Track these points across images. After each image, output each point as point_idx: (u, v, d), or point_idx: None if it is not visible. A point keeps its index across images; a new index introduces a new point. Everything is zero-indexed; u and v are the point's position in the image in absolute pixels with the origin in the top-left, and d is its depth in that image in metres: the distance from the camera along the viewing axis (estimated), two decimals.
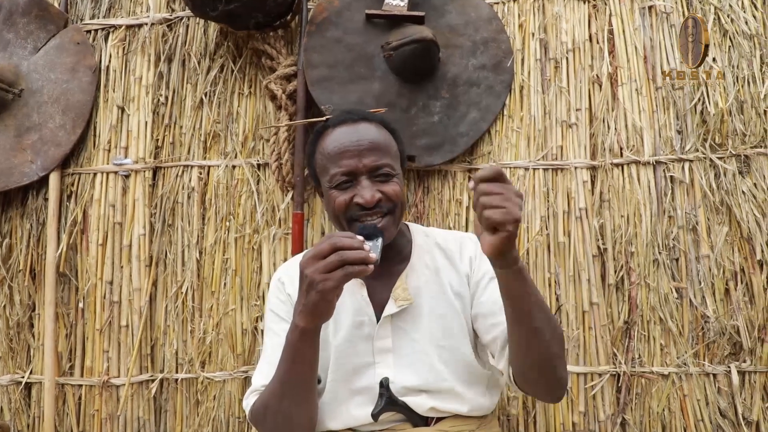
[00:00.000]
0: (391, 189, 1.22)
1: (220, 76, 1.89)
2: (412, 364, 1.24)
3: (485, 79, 1.78)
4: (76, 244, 1.85)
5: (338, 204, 1.22)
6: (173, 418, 1.76)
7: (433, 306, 1.28)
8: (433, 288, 1.29)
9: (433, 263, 1.32)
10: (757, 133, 1.69)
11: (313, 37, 1.77)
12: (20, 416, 1.81)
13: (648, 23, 1.80)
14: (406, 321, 1.26)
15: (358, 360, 1.25)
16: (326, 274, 0.95)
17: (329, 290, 0.96)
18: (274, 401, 1.13)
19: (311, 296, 0.97)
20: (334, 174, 1.23)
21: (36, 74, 1.92)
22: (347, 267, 0.95)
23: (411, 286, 1.28)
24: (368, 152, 1.22)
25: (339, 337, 1.26)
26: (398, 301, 1.25)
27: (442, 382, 1.23)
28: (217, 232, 1.80)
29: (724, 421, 1.59)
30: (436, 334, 1.26)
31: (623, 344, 1.65)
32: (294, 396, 1.11)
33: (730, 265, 1.64)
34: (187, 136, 1.87)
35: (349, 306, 1.27)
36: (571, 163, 1.73)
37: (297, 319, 1.03)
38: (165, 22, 1.93)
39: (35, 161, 1.86)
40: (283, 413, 1.12)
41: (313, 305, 0.98)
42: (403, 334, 1.26)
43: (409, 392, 1.23)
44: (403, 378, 1.23)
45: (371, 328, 1.26)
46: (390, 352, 1.25)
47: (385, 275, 1.28)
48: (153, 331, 1.79)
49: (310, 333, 1.04)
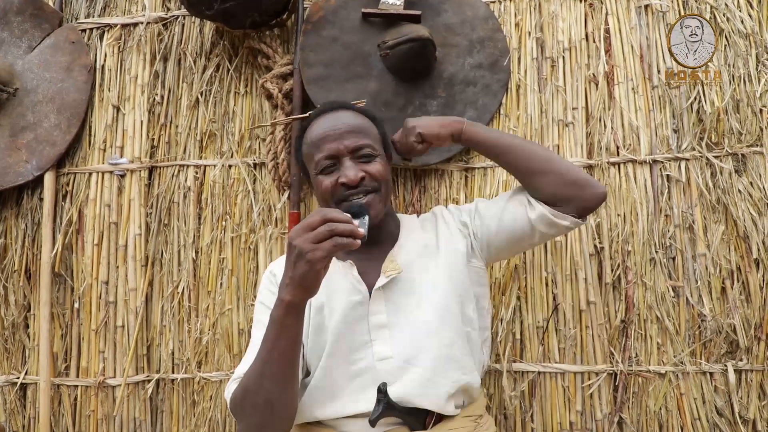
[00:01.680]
0: (373, 168, 1.29)
1: (216, 75, 1.88)
2: (409, 335, 1.24)
3: (482, 78, 1.78)
4: (71, 244, 1.84)
5: (324, 187, 1.27)
6: (169, 418, 1.75)
7: (425, 278, 1.29)
8: (423, 260, 1.32)
9: (422, 239, 1.36)
10: (753, 131, 1.69)
11: (310, 36, 1.76)
12: (15, 417, 1.81)
13: (644, 22, 1.80)
14: (399, 294, 1.27)
15: (355, 339, 1.24)
16: (316, 244, 0.96)
17: (318, 260, 0.96)
18: (255, 381, 1.08)
19: (299, 267, 0.97)
20: (318, 160, 1.29)
21: (31, 73, 1.91)
22: (336, 238, 0.96)
23: (401, 261, 1.30)
24: (348, 134, 1.29)
25: (334, 320, 1.25)
26: (387, 272, 1.27)
27: (442, 348, 1.23)
28: (214, 232, 1.80)
29: (720, 420, 1.59)
30: (431, 303, 1.26)
31: (620, 343, 1.65)
32: (276, 376, 1.07)
33: (726, 264, 1.64)
34: (182, 135, 1.86)
35: (342, 287, 1.28)
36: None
37: (283, 293, 1.02)
38: (160, 21, 1.92)
39: (30, 161, 1.85)
40: (263, 394, 1.08)
41: (300, 276, 0.98)
42: (397, 309, 1.26)
43: (409, 367, 1.21)
44: (401, 350, 1.22)
45: (365, 306, 1.26)
46: (386, 328, 1.25)
47: (376, 256, 1.31)
48: (149, 332, 1.78)
49: (295, 307, 1.03)
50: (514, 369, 1.66)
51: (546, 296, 1.68)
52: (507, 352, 1.65)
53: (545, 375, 1.65)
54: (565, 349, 1.65)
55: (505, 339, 1.67)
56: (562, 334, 1.66)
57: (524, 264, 1.69)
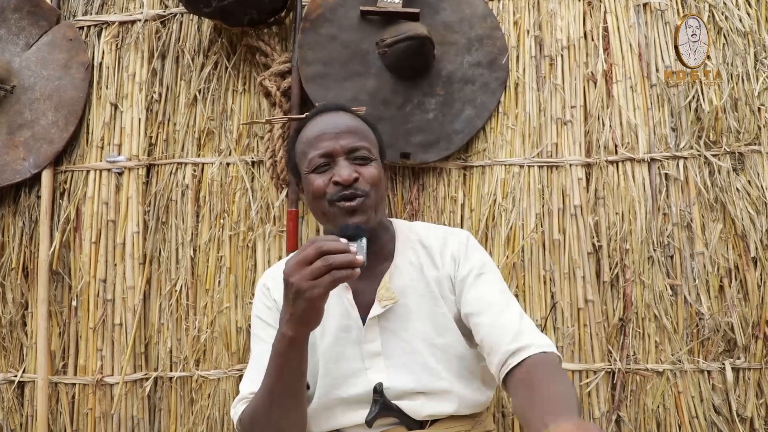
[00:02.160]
0: (368, 171, 1.22)
1: (214, 73, 1.88)
2: (404, 365, 1.21)
3: (480, 76, 1.78)
4: (69, 242, 1.84)
5: (316, 186, 1.21)
6: (167, 416, 1.75)
7: (420, 304, 1.24)
8: (419, 286, 1.26)
9: (417, 260, 1.29)
10: (751, 130, 1.69)
11: (308, 34, 1.76)
12: (13, 415, 1.80)
13: (643, 20, 1.80)
14: (394, 321, 1.23)
15: (348, 365, 1.22)
16: (313, 281, 0.92)
17: (317, 297, 0.93)
18: (263, 412, 1.09)
19: (299, 304, 0.94)
20: (312, 158, 1.23)
21: (28, 71, 1.90)
22: (334, 272, 0.92)
23: (395, 285, 1.25)
24: (345, 134, 1.23)
25: (325, 342, 1.23)
26: (383, 301, 1.22)
27: (438, 381, 1.20)
28: (212, 230, 1.79)
29: (718, 418, 1.59)
30: (427, 332, 1.23)
31: (618, 341, 1.65)
32: (283, 406, 1.08)
33: (724, 263, 1.64)
34: (180, 133, 1.86)
35: (335, 310, 1.24)
36: (565, 161, 1.73)
37: (284, 329, 1.00)
38: (158, 18, 1.92)
39: (28, 158, 1.84)
40: (272, 425, 1.08)
41: (301, 314, 0.95)
42: (391, 336, 1.23)
43: (405, 395, 1.20)
44: (397, 381, 1.20)
45: (358, 332, 1.23)
46: (380, 356, 1.22)
47: (370, 276, 1.25)
48: (147, 330, 1.78)
49: (298, 342, 1.01)
50: None
51: (544, 294, 1.68)
52: None
53: None
54: (563, 348, 1.65)
55: None
56: (561, 332, 1.66)
57: (522, 262, 1.69)
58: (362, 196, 1.19)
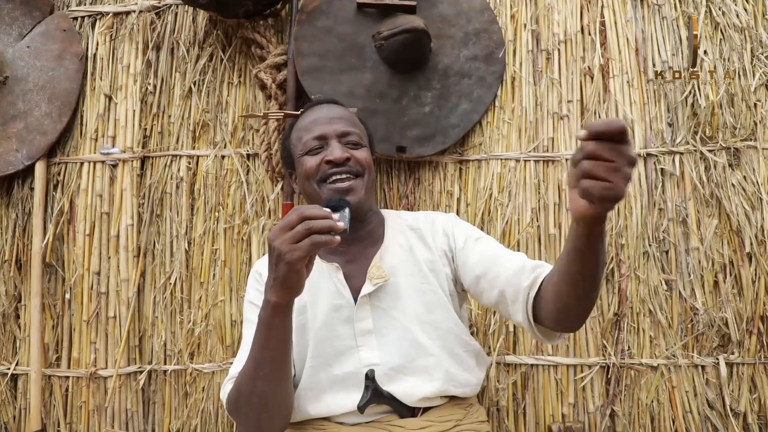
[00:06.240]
0: (359, 154, 1.31)
1: (209, 65, 1.87)
2: (396, 341, 1.24)
3: (477, 70, 1.77)
4: (62, 234, 1.83)
5: (309, 167, 1.29)
6: (161, 409, 1.75)
7: (411, 283, 1.29)
8: (408, 266, 1.31)
9: (406, 242, 1.34)
10: (747, 126, 1.69)
11: (304, 26, 1.75)
12: (6, 408, 1.80)
13: (640, 15, 1.80)
14: (385, 300, 1.27)
15: (340, 343, 1.25)
16: (294, 245, 0.94)
17: (297, 260, 0.95)
18: (248, 382, 1.09)
19: (280, 268, 0.96)
20: (306, 140, 1.31)
21: (21, 61, 1.89)
22: (314, 236, 0.94)
23: (386, 265, 1.29)
24: (338, 120, 1.33)
25: (317, 322, 1.26)
26: (374, 279, 1.26)
27: (429, 357, 1.24)
28: (206, 223, 1.79)
29: (712, 413, 1.60)
30: (418, 309, 1.26)
31: (613, 336, 1.66)
32: (268, 376, 1.08)
33: (719, 258, 1.64)
34: (175, 125, 1.85)
35: (325, 290, 1.28)
36: (562, 155, 1.73)
37: (269, 295, 1.02)
38: (153, 9, 1.90)
39: (21, 150, 1.83)
40: (257, 394, 1.09)
41: (283, 277, 0.97)
42: (382, 314, 1.26)
43: (396, 374, 1.22)
44: (389, 359, 1.23)
45: (350, 310, 1.26)
46: (371, 333, 1.25)
47: (361, 258, 1.31)
48: (141, 323, 1.77)
49: (282, 308, 1.03)
50: (506, 361, 1.66)
51: None
52: (499, 345, 1.66)
53: (538, 368, 1.66)
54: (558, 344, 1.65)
55: (497, 332, 1.67)
56: None
57: None
58: (354, 176, 1.28)
